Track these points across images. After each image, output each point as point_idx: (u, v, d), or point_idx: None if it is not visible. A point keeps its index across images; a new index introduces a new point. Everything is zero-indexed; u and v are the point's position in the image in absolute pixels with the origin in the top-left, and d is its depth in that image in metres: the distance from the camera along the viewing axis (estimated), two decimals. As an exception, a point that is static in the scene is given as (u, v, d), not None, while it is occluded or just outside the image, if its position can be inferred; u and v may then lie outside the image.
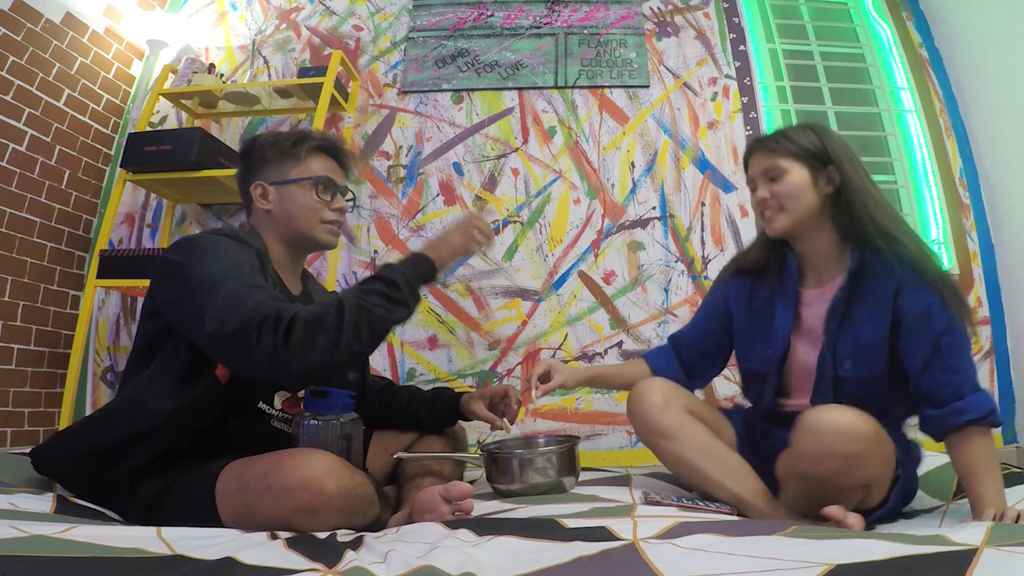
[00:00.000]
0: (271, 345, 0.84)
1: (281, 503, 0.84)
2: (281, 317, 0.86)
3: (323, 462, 0.86)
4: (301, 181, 1.16)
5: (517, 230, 2.34)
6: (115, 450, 0.95)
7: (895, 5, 2.63)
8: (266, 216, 1.17)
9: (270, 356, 0.84)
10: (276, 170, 1.17)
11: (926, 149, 2.41)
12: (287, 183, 1.16)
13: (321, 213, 1.17)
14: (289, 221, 1.16)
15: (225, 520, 0.87)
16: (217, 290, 0.90)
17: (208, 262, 0.95)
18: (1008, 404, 2.19)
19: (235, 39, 2.67)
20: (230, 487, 0.88)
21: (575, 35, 2.56)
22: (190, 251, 0.98)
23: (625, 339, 2.23)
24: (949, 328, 1.02)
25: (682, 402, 1.12)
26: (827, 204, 1.11)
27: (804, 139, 1.13)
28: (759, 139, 1.18)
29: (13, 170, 2.06)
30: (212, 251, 0.97)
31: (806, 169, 1.11)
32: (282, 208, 1.16)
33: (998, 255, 2.31)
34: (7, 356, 2.04)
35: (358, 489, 0.89)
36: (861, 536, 0.77)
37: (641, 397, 1.12)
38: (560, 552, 0.72)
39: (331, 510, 0.84)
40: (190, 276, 0.94)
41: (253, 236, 1.11)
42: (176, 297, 0.96)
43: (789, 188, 1.10)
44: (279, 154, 1.17)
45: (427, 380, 2.22)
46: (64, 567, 0.65)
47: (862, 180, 1.10)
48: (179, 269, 0.96)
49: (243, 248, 1.03)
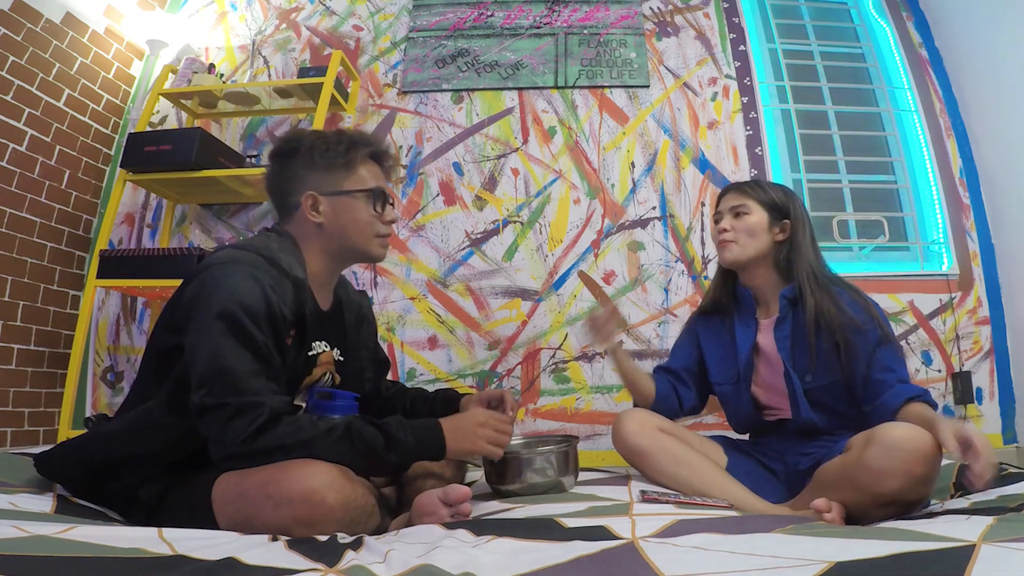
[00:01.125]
0: (240, 433, 0.87)
1: (281, 513, 0.83)
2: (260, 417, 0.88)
3: (324, 473, 0.85)
4: (356, 193, 1.10)
5: (517, 230, 2.34)
6: (117, 467, 0.96)
7: (895, 5, 2.63)
8: (315, 228, 1.09)
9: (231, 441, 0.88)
10: (328, 179, 1.09)
11: (926, 149, 2.41)
12: (341, 194, 1.09)
13: (376, 227, 1.12)
14: (343, 236, 1.10)
15: (223, 527, 0.87)
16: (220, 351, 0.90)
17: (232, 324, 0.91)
18: (1008, 404, 2.20)
19: (235, 39, 2.67)
20: (228, 495, 0.88)
21: (575, 35, 2.57)
22: (222, 293, 0.93)
23: (625, 339, 2.23)
24: (882, 342, 1.19)
25: (656, 425, 1.25)
26: (773, 250, 1.32)
27: (774, 193, 1.34)
28: (738, 182, 1.39)
29: (13, 170, 2.06)
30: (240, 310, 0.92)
31: (767, 215, 1.32)
32: (335, 221, 1.09)
33: (998, 255, 2.31)
34: (7, 356, 2.04)
35: (359, 500, 0.88)
36: (860, 533, 0.77)
37: (619, 425, 1.26)
38: (559, 552, 0.72)
39: (331, 521, 0.84)
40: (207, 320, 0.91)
41: (293, 256, 1.05)
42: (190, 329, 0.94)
43: (748, 225, 1.31)
44: (330, 161, 1.09)
45: (427, 380, 2.22)
46: (65, 567, 0.65)
47: (806, 240, 1.31)
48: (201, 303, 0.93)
49: (276, 284, 0.98)
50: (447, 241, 2.34)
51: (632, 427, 1.23)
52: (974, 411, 2.18)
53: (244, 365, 0.90)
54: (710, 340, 1.41)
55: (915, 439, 0.94)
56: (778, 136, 2.47)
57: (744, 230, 1.31)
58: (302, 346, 1.05)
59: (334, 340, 1.15)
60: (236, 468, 0.89)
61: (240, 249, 1.01)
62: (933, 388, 2.20)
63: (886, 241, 2.34)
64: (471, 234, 2.35)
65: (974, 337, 2.24)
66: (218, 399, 0.88)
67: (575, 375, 2.23)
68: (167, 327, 1.00)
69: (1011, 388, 2.20)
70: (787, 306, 1.27)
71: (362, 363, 1.22)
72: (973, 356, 2.23)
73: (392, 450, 0.95)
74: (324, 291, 1.14)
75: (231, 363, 0.89)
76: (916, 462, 0.93)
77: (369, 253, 1.13)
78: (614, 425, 1.28)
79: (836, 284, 1.28)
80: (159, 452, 0.96)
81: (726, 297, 1.40)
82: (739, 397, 1.34)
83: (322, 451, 0.90)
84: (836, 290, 1.25)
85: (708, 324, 1.43)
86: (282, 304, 0.97)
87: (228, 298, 0.92)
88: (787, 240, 1.31)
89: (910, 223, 2.40)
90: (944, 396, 2.19)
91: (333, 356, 1.14)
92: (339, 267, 1.16)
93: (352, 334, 1.20)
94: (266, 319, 0.94)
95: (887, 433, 0.96)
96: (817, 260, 1.30)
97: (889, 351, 1.19)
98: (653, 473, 1.20)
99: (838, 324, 1.20)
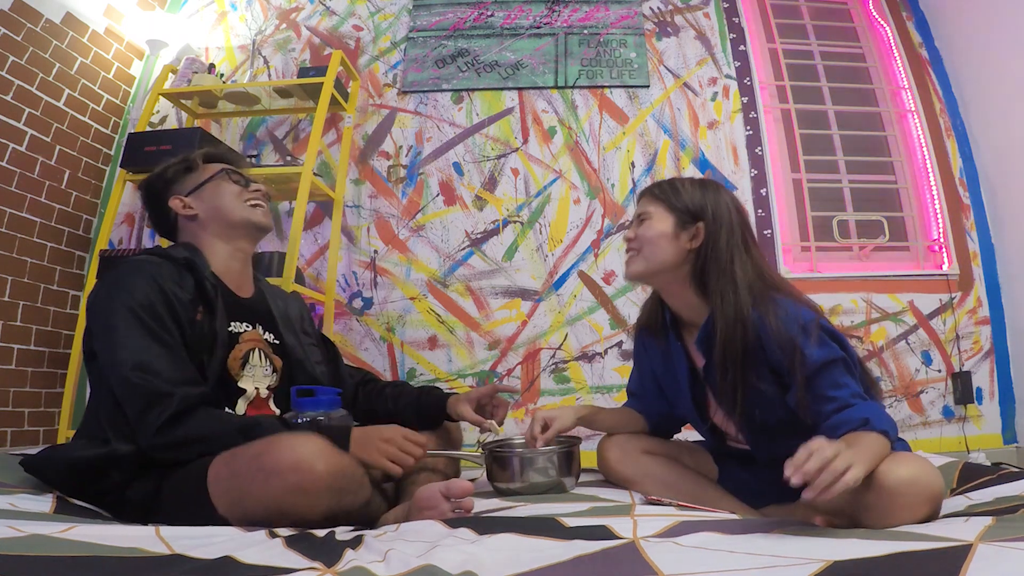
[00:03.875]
0: (152, 426, 0.93)
1: (272, 484, 0.84)
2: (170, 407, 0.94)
3: (312, 443, 0.87)
4: (211, 178, 1.20)
5: (517, 230, 2.34)
6: (101, 465, 0.97)
7: (895, 5, 2.63)
8: (194, 223, 1.19)
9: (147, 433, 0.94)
10: (182, 185, 1.21)
11: (926, 149, 2.41)
12: (200, 186, 1.20)
13: (242, 195, 1.21)
14: (217, 214, 1.19)
15: (219, 508, 0.88)
16: (124, 347, 0.97)
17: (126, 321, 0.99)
18: (1008, 404, 2.19)
19: (235, 39, 2.67)
20: (221, 473, 0.89)
21: (575, 35, 2.57)
22: (112, 295, 1.01)
23: (625, 339, 2.23)
24: (822, 364, 0.99)
25: (640, 448, 1.21)
26: (687, 260, 1.11)
27: (687, 194, 1.14)
28: (651, 185, 1.20)
29: (13, 170, 2.06)
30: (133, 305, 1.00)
31: (672, 220, 1.12)
32: (205, 206, 1.19)
33: (998, 255, 2.31)
34: (7, 356, 2.04)
35: (347, 469, 0.90)
36: (858, 533, 0.77)
37: (601, 453, 1.23)
38: (560, 550, 0.72)
39: (321, 489, 0.85)
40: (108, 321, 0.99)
41: (190, 251, 1.14)
42: (95, 334, 1.02)
43: (648, 233, 1.12)
44: (179, 172, 1.21)
45: (427, 380, 2.22)
46: (64, 567, 0.65)
47: (730, 245, 1.08)
48: (99, 307, 1.02)
49: (169, 272, 1.06)
50: (447, 241, 2.34)
51: (614, 454, 1.21)
52: (974, 411, 2.18)
53: (146, 356, 0.96)
54: (657, 360, 1.26)
55: (919, 482, 0.84)
56: (778, 136, 2.47)
57: (644, 239, 1.13)
58: (216, 322, 1.08)
59: (263, 324, 1.20)
60: (166, 458, 0.95)
61: (134, 255, 1.12)
62: (933, 388, 2.20)
63: (886, 241, 2.34)
64: (471, 234, 2.35)
65: (974, 337, 2.24)
66: (130, 394, 0.95)
67: (575, 375, 2.23)
68: (86, 353, 1.06)
69: (1011, 388, 2.20)
70: (704, 340, 1.10)
71: (304, 346, 1.26)
72: (973, 356, 2.22)
73: None
74: (239, 279, 1.21)
75: (134, 358, 0.95)
76: (921, 504, 0.84)
77: (248, 219, 1.20)
78: (597, 453, 1.25)
79: (781, 292, 1.06)
80: (129, 455, 0.97)
81: (658, 317, 1.22)
82: (700, 425, 1.23)
83: (224, 446, 0.93)
84: (779, 300, 1.03)
85: (648, 343, 1.27)
86: (176, 287, 1.04)
87: (118, 297, 1.00)
88: (702, 247, 1.10)
89: (910, 223, 2.40)
90: (944, 396, 2.19)
91: (260, 335, 1.18)
92: (237, 249, 1.21)
93: (283, 320, 1.25)
94: (160, 305, 1.01)
95: (888, 476, 0.84)
96: (751, 269, 1.08)
97: (823, 372, 0.98)
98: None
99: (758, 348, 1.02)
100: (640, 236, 1.14)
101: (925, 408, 2.18)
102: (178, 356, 1.00)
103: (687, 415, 1.24)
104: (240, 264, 1.22)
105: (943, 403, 2.18)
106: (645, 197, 1.18)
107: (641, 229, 1.14)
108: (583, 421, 1.25)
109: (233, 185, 1.21)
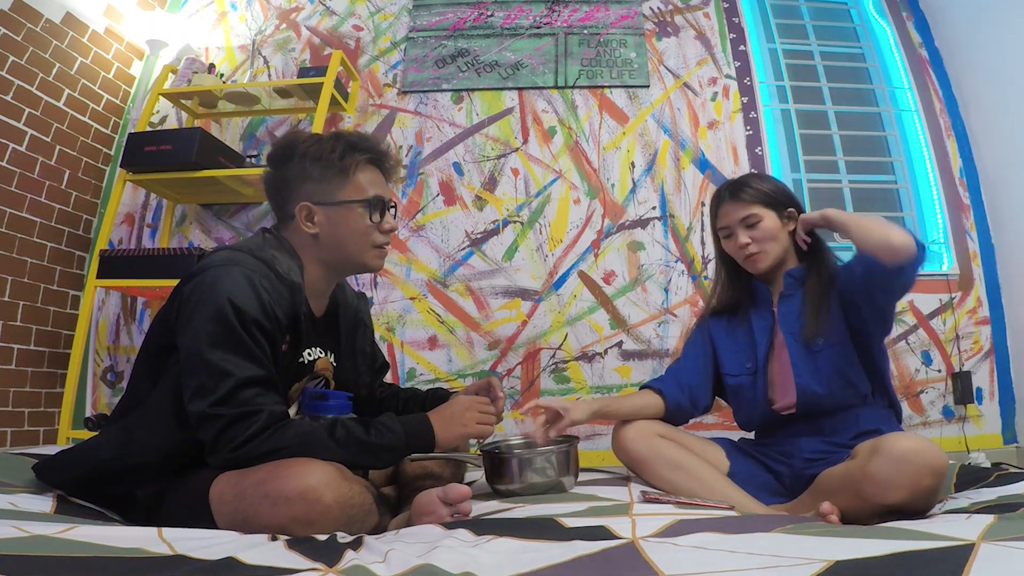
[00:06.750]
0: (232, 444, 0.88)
1: (278, 512, 0.83)
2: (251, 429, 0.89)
3: (321, 472, 0.85)
4: (352, 204, 1.06)
5: (517, 230, 2.34)
6: (113, 475, 0.95)
7: (895, 5, 2.63)
8: (310, 238, 1.07)
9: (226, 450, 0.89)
10: (322, 188, 1.06)
11: (926, 149, 2.41)
12: (337, 205, 1.06)
13: (373, 237, 1.08)
14: (338, 247, 1.07)
15: (221, 527, 0.87)
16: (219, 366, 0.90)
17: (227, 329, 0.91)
18: (1008, 404, 2.19)
19: (235, 39, 2.67)
20: (226, 494, 0.88)
21: (575, 35, 2.57)
22: (219, 296, 0.92)
23: (625, 339, 2.23)
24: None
25: (655, 431, 1.24)
26: (790, 239, 1.33)
27: (768, 188, 1.33)
28: (729, 191, 1.34)
29: (13, 170, 2.06)
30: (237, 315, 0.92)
31: (775, 215, 1.31)
32: (331, 233, 1.06)
33: (998, 255, 2.31)
34: (7, 356, 2.04)
35: (356, 499, 0.88)
36: (860, 533, 0.77)
37: (618, 432, 1.27)
38: (559, 551, 0.72)
39: (328, 520, 0.84)
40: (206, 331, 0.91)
41: (290, 261, 1.04)
42: (186, 330, 0.93)
43: (766, 233, 1.29)
44: (325, 170, 1.05)
45: (427, 380, 2.22)
46: (65, 567, 0.65)
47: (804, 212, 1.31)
48: (201, 312, 0.92)
49: (272, 289, 0.97)
50: (447, 241, 2.34)
51: (630, 434, 1.24)
52: (974, 411, 2.18)
53: (240, 372, 0.90)
54: (723, 337, 1.40)
55: (923, 451, 0.92)
56: (778, 136, 2.47)
57: (764, 239, 1.29)
58: (296, 353, 1.04)
59: (328, 345, 1.14)
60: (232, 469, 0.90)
61: (238, 251, 1.00)
62: (933, 388, 2.20)
63: (886, 241, 2.34)
64: (471, 234, 2.35)
65: (974, 337, 2.24)
66: (216, 408, 0.88)
67: (575, 375, 2.23)
68: (162, 327, 0.99)
69: (1011, 388, 2.20)
70: (793, 284, 1.30)
71: (357, 367, 1.21)
72: (973, 356, 2.23)
73: (383, 444, 0.97)
74: (320, 298, 1.12)
75: (228, 369, 0.89)
76: (923, 475, 0.91)
77: (365, 265, 1.11)
78: (613, 432, 1.28)
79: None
80: (158, 462, 0.95)
81: (741, 294, 1.39)
82: (754, 388, 1.32)
83: (314, 450, 0.91)
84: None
85: (719, 323, 1.42)
86: (277, 309, 0.96)
87: (225, 302, 0.91)
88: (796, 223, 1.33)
89: (910, 223, 2.40)
90: (944, 396, 2.19)
91: (329, 362, 1.14)
92: (335, 277, 1.14)
93: (347, 339, 1.19)
94: (262, 325, 0.94)
95: (894, 444, 0.93)
96: None
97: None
98: (652, 479, 1.20)
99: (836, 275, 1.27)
100: (758, 238, 1.29)
101: (925, 408, 2.18)
102: (267, 374, 0.94)
103: (745, 380, 1.33)
104: (330, 285, 1.14)
105: (943, 403, 2.19)
106: (734, 204, 1.32)
107: (757, 232, 1.29)
108: (598, 415, 1.26)
109: (368, 219, 1.07)
